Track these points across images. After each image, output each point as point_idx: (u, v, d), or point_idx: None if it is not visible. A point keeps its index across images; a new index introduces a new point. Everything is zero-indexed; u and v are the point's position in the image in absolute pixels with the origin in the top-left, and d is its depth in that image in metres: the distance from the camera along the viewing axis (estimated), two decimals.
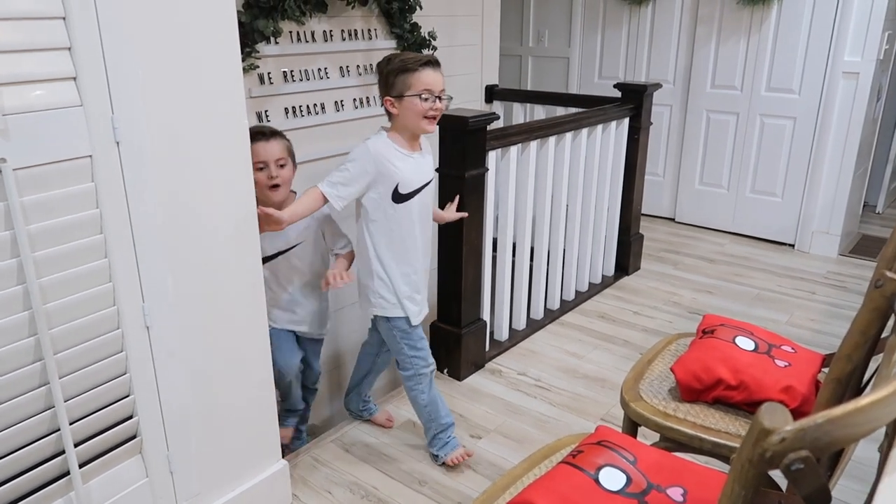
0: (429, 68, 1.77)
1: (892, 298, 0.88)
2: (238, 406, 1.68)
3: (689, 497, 0.99)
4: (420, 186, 1.88)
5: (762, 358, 1.38)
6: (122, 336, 1.40)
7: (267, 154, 1.89)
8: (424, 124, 1.80)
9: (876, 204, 4.65)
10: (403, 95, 1.77)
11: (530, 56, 4.73)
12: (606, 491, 0.99)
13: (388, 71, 1.79)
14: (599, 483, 1.01)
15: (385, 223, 1.86)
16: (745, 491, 0.65)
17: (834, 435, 0.61)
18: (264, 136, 1.89)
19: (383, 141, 1.83)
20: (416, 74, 1.75)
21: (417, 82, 1.76)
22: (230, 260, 1.58)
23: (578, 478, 1.01)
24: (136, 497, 1.50)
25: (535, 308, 2.96)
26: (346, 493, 1.92)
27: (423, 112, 1.77)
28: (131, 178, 1.35)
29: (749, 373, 1.32)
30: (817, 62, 3.61)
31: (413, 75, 1.75)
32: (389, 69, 1.79)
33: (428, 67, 1.77)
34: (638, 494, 0.99)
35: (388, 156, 1.81)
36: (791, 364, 1.36)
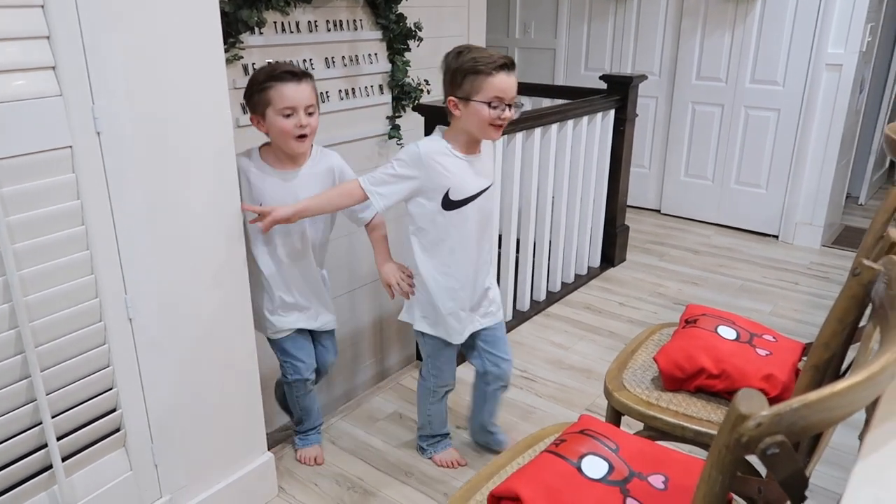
0: (503, 73, 1.57)
1: (869, 286, 0.89)
2: (223, 398, 1.68)
3: (670, 484, 1.00)
4: (476, 193, 1.70)
5: (743, 347, 1.39)
6: (105, 328, 1.39)
7: (297, 98, 1.64)
8: (490, 132, 1.63)
9: (859, 195, 4.70)
10: (470, 99, 1.59)
11: (517, 48, 4.73)
12: (589, 479, 1.00)
13: (457, 68, 1.60)
14: (582, 471, 1.01)
15: (434, 233, 1.71)
16: (723, 476, 0.66)
17: (810, 420, 0.62)
18: (294, 77, 1.65)
19: (437, 142, 1.67)
20: (489, 79, 1.56)
21: (489, 87, 1.57)
22: (214, 252, 1.58)
23: (561, 466, 1.02)
24: (120, 490, 1.49)
25: (521, 299, 2.97)
26: (333, 485, 1.92)
27: (489, 120, 1.59)
28: (113, 168, 1.33)
29: (731, 362, 1.34)
30: (801, 54, 3.63)
31: (484, 79, 1.56)
32: (458, 66, 1.60)
33: (503, 72, 1.57)
34: (620, 482, 1.00)
35: (439, 158, 1.64)
36: (772, 353, 1.38)
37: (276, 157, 1.73)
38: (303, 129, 1.66)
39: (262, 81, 1.64)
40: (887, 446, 0.68)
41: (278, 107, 1.64)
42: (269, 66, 1.70)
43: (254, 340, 1.74)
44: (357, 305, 3.01)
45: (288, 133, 1.66)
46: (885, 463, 0.67)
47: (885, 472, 0.66)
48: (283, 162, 1.73)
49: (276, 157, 1.73)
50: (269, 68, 1.68)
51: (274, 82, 1.63)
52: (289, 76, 1.64)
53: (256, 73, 1.69)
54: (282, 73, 1.63)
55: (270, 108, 1.64)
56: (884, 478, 0.65)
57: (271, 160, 1.74)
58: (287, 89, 1.63)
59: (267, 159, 1.74)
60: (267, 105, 1.65)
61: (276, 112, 1.64)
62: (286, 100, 1.63)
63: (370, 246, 1.89)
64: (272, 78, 1.63)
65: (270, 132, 1.69)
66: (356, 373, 3.05)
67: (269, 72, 1.65)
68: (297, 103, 1.64)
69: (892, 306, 0.80)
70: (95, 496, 1.44)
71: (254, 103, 1.68)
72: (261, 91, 1.64)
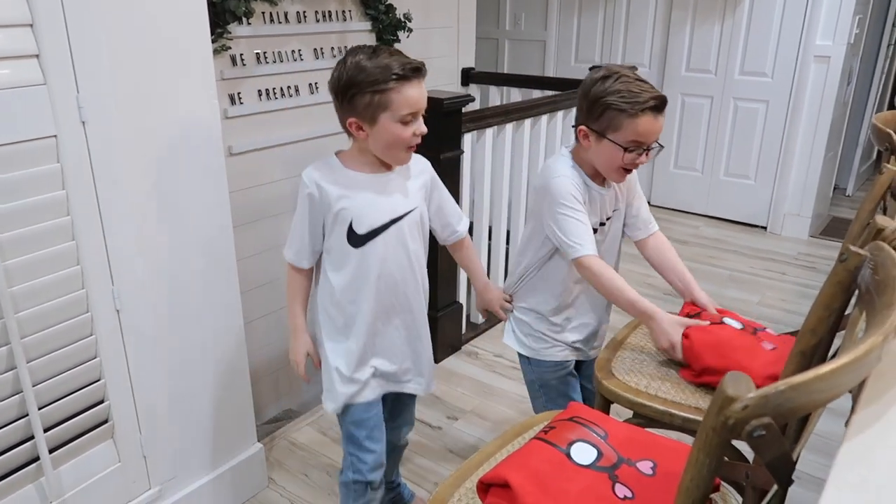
0: (650, 115, 1.36)
1: (855, 272, 0.89)
2: (213, 389, 1.67)
3: (658, 469, 1.01)
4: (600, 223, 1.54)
5: (749, 339, 1.36)
6: (92, 319, 1.38)
7: (421, 101, 1.31)
8: (617, 175, 1.44)
9: (846, 187, 4.73)
10: (605, 136, 1.38)
11: (507, 39, 4.71)
12: (578, 465, 1.01)
13: (599, 98, 1.37)
14: (571, 457, 1.02)
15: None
16: (710, 459, 0.66)
17: (796, 402, 0.63)
18: (419, 75, 1.30)
19: (569, 169, 1.46)
20: (631, 120, 1.35)
21: (630, 129, 1.36)
22: (203, 242, 1.57)
23: (550, 453, 1.02)
24: (108, 482, 1.48)
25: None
26: (323, 476, 1.92)
27: (621, 164, 1.40)
28: (99, 158, 1.32)
29: (734, 358, 1.28)
30: (789, 46, 3.64)
31: (627, 119, 1.35)
32: (600, 96, 1.37)
33: (650, 114, 1.35)
34: (608, 468, 1.01)
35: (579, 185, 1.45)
36: (777, 347, 1.35)
37: (363, 162, 1.38)
38: (417, 137, 1.33)
39: (380, 80, 1.26)
40: (872, 428, 0.69)
41: (401, 113, 1.28)
42: (378, 54, 1.28)
43: (243, 331, 1.73)
44: None
45: (404, 142, 1.32)
46: (871, 444, 0.67)
47: (871, 452, 0.66)
48: (373, 166, 1.38)
49: (363, 163, 1.38)
50: (383, 59, 1.27)
51: (399, 83, 1.26)
52: (413, 73, 1.28)
53: (363, 66, 1.27)
54: (408, 71, 1.27)
55: (387, 114, 1.28)
56: (870, 458, 0.66)
57: (358, 166, 1.38)
58: (412, 90, 1.28)
59: (353, 166, 1.38)
60: (383, 109, 1.27)
61: (395, 119, 1.28)
62: (411, 104, 1.28)
63: None
64: (396, 76, 1.26)
65: (376, 142, 1.32)
66: None
67: (387, 66, 1.26)
68: (420, 107, 1.31)
69: (878, 291, 0.80)
70: (83, 488, 1.44)
71: (360, 105, 1.28)
72: (378, 92, 1.26)
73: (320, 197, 1.36)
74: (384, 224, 1.38)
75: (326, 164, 1.40)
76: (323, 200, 1.36)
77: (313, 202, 1.36)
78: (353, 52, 1.31)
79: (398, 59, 1.28)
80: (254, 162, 2.48)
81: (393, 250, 1.40)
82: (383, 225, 1.38)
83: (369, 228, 1.37)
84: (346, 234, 1.37)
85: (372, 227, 1.37)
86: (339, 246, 1.38)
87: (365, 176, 1.37)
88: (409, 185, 1.43)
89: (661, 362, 1.41)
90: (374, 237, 1.37)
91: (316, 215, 1.38)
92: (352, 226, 1.36)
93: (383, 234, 1.38)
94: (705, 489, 0.69)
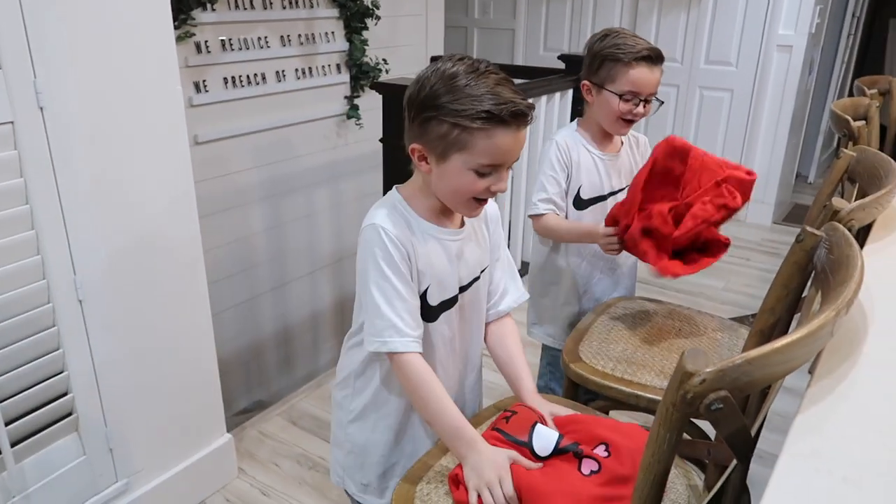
0: (644, 65, 1.45)
1: (811, 252, 0.92)
2: (180, 380, 1.66)
3: (612, 449, 1.01)
4: (607, 193, 1.60)
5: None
6: (54, 310, 1.35)
7: (509, 154, 1.01)
8: (618, 126, 1.54)
9: (808, 174, 4.84)
10: (604, 87, 1.49)
11: (476, 28, 4.71)
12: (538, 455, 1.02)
13: (597, 52, 1.48)
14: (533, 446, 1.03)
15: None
16: (670, 434, 0.68)
17: (752, 375, 0.64)
18: (522, 122, 0.99)
19: (571, 133, 1.58)
20: (626, 69, 1.45)
21: (625, 79, 1.46)
22: (167, 230, 1.54)
23: (510, 447, 1.03)
24: (73, 476, 1.46)
25: None
26: (294, 465, 1.92)
27: (619, 114, 1.50)
28: (58, 145, 1.29)
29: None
30: (753, 35, 3.70)
31: (622, 69, 1.45)
32: (599, 50, 1.48)
33: (644, 64, 1.45)
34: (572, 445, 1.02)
35: (576, 149, 1.56)
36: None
37: (432, 208, 1.09)
38: (492, 193, 1.04)
39: (469, 114, 0.95)
40: (825, 401, 0.71)
41: (479, 161, 0.98)
42: (481, 75, 0.98)
43: (210, 321, 1.71)
44: (317, 287, 2.99)
45: (471, 195, 1.03)
46: (824, 415, 0.69)
47: (823, 424, 0.68)
48: (441, 217, 1.10)
49: (432, 209, 1.09)
50: (484, 85, 0.97)
51: (492, 126, 0.96)
52: (513, 119, 0.97)
53: (456, 86, 0.97)
54: (508, 114, 0.96)
55: (462, 156, 0.98)
56: (822, 430, 0.68)
57: (428, 214, 1.08)
58: (506, 139, 0.98)
59: (425, 214, 1.08)
60: (459, 149, 0.98)
61: (470, 165, 0.99)
62: (496, 155, 0.99)
63: (331, 227, 1.82)
64: (489, 116, 0.95)
65: (439, 182, 1.04)
66: (317, 354, 3.04)
67: (484, 98, 0.96)
68: (508, 160, 1.01)
69: (832, 270, 0.82)
70: (47, 482, 1.41)
71: (432, 133, 0.99)
72: (460, 127, 0.96)
73: (405, 259, 1.04)
74: (453, 296, 1.11)
75: (396, 211, 1.07)
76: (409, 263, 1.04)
77: (400, 254, 1.03)
78: (450, 59, 1.00)
79: (506, 90, 0.97)
80: (221, 151, 2.45)
81: (460, 323, 1.14)
82: (453, 297, 1.11)
83: (441, 300, 1.09)
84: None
85: (443, 298, 1.09)
86: None
87: (441, 230, 1.08)
88: (482, 237, 1.17)
89: (627, 347, 1.43)
90: (446, 309, 1.11)
91: (406, 269, 1.04)
92: (426, 294, 1.08)
93: (456, 305, 1.12)
94: (666, 464, 0.71)
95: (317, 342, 3.03)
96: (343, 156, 2.96)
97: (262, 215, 2.67)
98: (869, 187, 1.25)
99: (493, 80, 0.98)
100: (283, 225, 2.77)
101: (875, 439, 0.67)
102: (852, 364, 0.78)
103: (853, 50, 4.75)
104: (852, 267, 0.77)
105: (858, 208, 1.05)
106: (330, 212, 2.95)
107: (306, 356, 2.98)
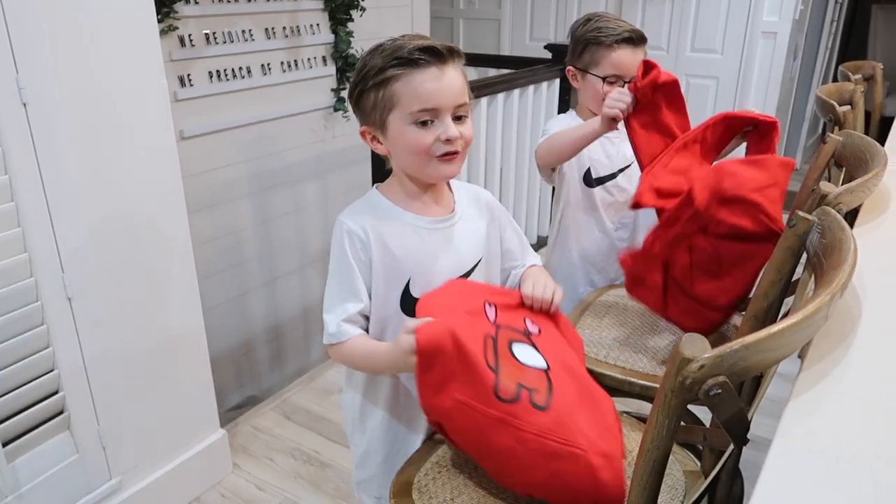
0: (626, 47, 1.45)
1: (804, 237, 0.92)
2: (172, 376, 1.65)
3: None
4: (617, 171, 1.59)
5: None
6: (42, 308, 1.34)
7: (436, 95, 0.99)
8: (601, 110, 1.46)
9: (795, 160, 4.86)
10: (587, 72, 1.50)
11: (461, 18, 4.69)
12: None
13: (580, 37, 1.49)
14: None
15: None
16: (669, 420, 0.68)
17: (749, 360, 0.65)
18: (437, 59, 0.99)
19: (571, 117, 1.59)
20: (608, 52, 1.45)
21: (607, 62, 1.46)
22: (157, 225, 1.53)
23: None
24: (66, 474, 1.45)
25: None
26: (289, 460, 1.92)
27: (604, 97, 1.42)
28: (42, 141, 1.28)
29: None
30: (738, 22, 3.71)
31: (604, 52, 1.46)
32: (581, 34, 1.49)
33: (626, 46, 1.45)
34: None
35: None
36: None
37: (412, 196, 1.08)
38: (451, 143, 1.01)
39: (382, 68, 0.98)
40: (818, 386, 0.72)
41: (411, 110, 0.99)
42: (399, 39, 1.01)
43: (201, 317, 1.70)
44: (308, 282, 2.98)
45: (426, 152, 1.01)
46: (817, 399, 0.70)
47: (816, 408, 0.69)
48: (428, 204, 1.08)
49: (412, 197, 1.08)
50: (398, 42, 0.99)
51: (405, 69, 0.97)
52: (425, 56, 0.98)
53: (373, 53, 1.01)
54: (416, 52, 0.97)
55: (395, 114, 1.00)
56: (814, 414, 0.68)
57: (408, 204, 1.08)
58: (425, 79, 0.97)
59: (404, 204, 1.08)
60: (390, 108, 1.00)
61: (406, 119, 1.00)
62: (423, 97, 0.98)
63: (320, 221, 1.81)
64: (399, 61, 0.97)
65: (397, 156, 1.05)
66: (309, 348, 3.03)
67: (394, 49, 0.98)
68: (441, 103, 0.99)
69: (825, 253, 0.83)
70: (40, 481, 1.40)
71: (367, 106, 1.02)
72: (379, 84, 0.99)
73: (367, 250, 1.03)
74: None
75: (367, 204, 1.07)
76: (372, 253, 1.03)
77: (358, 257, 1.02)
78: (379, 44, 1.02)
79: (415, 40, 0.99)
80: (207, 145, 2.42)
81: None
82: None
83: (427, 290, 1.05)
84: (400, 298, 1.05)
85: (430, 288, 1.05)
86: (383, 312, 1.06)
87: (422, 219, 1.06)
88: (476, 227, 1.13)
89: (619, 334, 1.43)
90: None
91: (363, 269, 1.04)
92: (408, 287, 1.05)
93: None
94: (665, 450, 0.71)
95: (308, 336, 3.02)
96: (331, 148, 2.94)
97: (250, 210, 2.65)
98: (856, 171, 1.26)
99: (408, 38, 0.99)
100: (272, 219, 2.76)
101: (868, 420, 0.68)
102: (845, 348, 0.79)
103: (837, 36, 4.78)
104: (846, 250, 0.77)
105: (846, 192, 1.05)
106: (319, 205, 2.93)
107: (298, 351, 2.97)
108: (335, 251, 1.04)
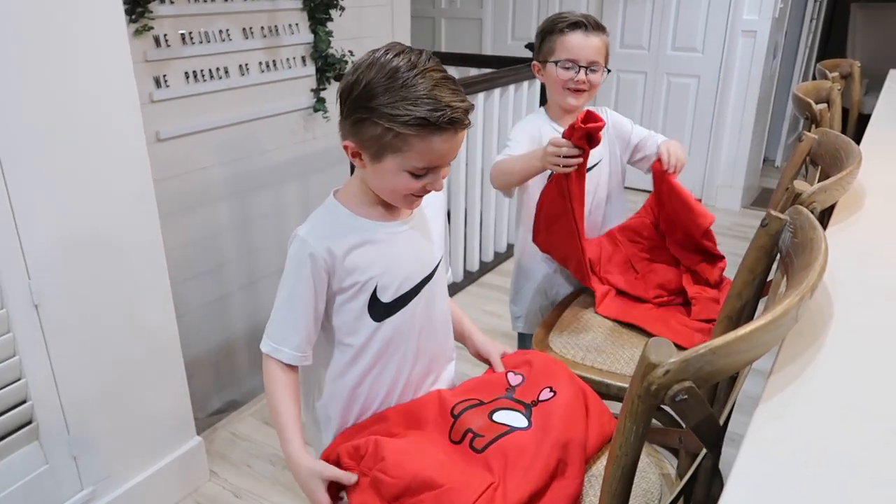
0: (578, 31, 1.48)
1: (776, 236, 0.92)
2: (145, 384, 1.62)
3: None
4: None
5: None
6: (8, 316, 1.31)
7: (445, 157, 0.99)
8: (565, 97, 1.52)
9: (775, 158, 4.90)
10: (547, 61, 1.53)
11: (443, 18, 4.67)
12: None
13: (539, 31, 1.56)
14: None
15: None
16: (636, 426, 0.67)
17: (717, 364, 0.63)
18: (459, 127, 0.95)
19: (539, 114, 1.61)
20: (560, 38, 1.49)
21: (560, 47, 1.49)
22: (126, 232, 1.50)
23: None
24: (36, 485, 1.42)
25: (454, 271, 2.97)
26: (267, 466, 1.89)
27: (562, 83, 1.50)
28: (5, 143, 1.25)
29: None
30: (718, 21, 3.72)
31: (557, 38, 1.50)
32: (540, 28, 1.55)
33: (578, 30, 1.48)
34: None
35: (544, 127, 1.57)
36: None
37: (371, 205, 1.07)
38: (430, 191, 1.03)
39: (404, 119, 0.92)
40: (789, 387, 0.71)
41: (414, 164, 0.96)
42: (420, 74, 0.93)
43: (175, 323, 1.67)
44: None
45: (406, 194, 1.02)
46: (787, 401, 0.69)
47: (785, 411, 0.68)
48: (384, 212, 1.08)
49: (372, 207, 1.07)
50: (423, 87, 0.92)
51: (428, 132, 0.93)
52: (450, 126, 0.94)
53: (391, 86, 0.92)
54: (445, 122, 0.92)
55: (397, 158, 0.96)
56: (783, 417, 0.67)
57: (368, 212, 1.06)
58: (442, 144, 0.95)
59: (364, 212, 1.06)
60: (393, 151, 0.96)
61: (404, 167, 0.97)
62: (432, 158, 0.97)
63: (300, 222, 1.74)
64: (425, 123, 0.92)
65: (374, 179, 1.02)
66: None
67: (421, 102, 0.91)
68: (444, 163, 0.99)
69: (797, 253, 0.82)
70: (9, 493, 1.37)
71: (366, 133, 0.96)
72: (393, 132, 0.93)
73: (331, 268, 1.02)
74: (415, 287, 1.09)
75: (328, 216, 1.06)
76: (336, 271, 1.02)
77: (318, 271, 1.01)
78: (389, 51, 0.95)
79: (444, 93, 0.92)
80: (184, 147, 2.39)
81: (423, 318, 1.11)
82: (413, 288, 1.09)
83: (396, 295, 1.07)
84: (368, 304, 1.05)
85: (400, 293, 1.07)
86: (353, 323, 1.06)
87: (382, 225, 1.06)
88: (433, 227, 1.15)
89: (596, 336, 1.42)
90: (402, 306, 1.08)
91: (321, 289, 1.03)
92: (376, 293, 1.05)
93: (414, 300, 1.09)
94: (634, 456, 0.70)
95: None
96: (311, 149, 2.91)
97: (229, 212, 2.62)
98: (830, 169, 1.25)
99: (432, 82, 0.93)
100: (252, 221, 2.73)
101: (837, 423, 0.67)
102: (816, 348, 0.78)
103: (816, 34, 4.81)
104: (816, 250, 0.76)
105: (820, 191, 1.05)
106: (299, 206, 2.91)
107: None
108: (293, 270, 1.02)
